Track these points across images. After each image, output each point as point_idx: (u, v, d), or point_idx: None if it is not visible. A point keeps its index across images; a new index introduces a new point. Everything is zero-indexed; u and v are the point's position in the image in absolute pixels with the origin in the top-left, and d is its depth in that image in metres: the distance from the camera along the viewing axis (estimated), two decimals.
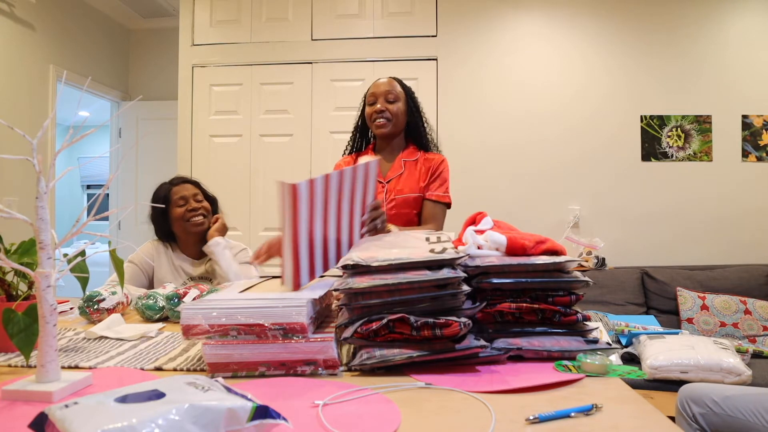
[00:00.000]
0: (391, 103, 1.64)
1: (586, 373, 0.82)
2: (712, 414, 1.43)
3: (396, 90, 1.65)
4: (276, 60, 3.41)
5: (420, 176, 1.67)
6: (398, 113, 1.65)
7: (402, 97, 1.66)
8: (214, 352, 0.81)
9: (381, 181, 1.66)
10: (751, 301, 2.73)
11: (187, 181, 1.84)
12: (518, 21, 3.32)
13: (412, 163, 1.69)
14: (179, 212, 1.75)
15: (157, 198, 1.79)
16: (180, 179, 1.85)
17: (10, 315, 0.81)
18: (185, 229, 1.76)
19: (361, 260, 0.87)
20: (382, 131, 1.66)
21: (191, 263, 1.80)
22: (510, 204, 3.26)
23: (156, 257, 1.80)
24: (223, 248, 1.72)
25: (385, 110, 1.63)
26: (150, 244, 1.84)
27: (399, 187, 1.65)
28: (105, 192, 0.77)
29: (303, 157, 3.37)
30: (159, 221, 1.80)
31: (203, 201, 1.81)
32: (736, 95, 3.22)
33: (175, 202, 1.76)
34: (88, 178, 6.96)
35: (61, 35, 3.63)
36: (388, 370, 0.83)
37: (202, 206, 1.78)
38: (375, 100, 1.65)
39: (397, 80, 1.69)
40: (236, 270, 1.69)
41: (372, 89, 1.67)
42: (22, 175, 3.24)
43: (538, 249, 0.92)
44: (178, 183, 1.82)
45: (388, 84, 1.66)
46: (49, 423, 0.49)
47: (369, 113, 1.66)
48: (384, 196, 1.64)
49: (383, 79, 1.68)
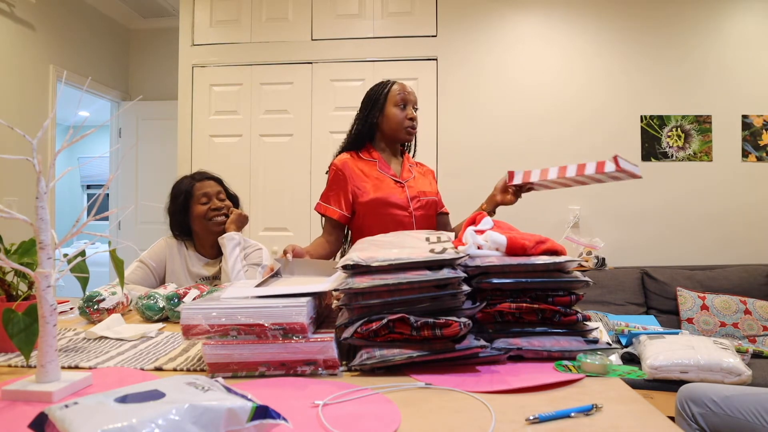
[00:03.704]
0: (415, 111, 1.66)
1: (586, 373, 0.82)
2: (712, 414, 1.43)
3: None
4: (276, 60, 3.41)
5: (427, 181, 1.73)
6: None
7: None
8: (214, 352, 0.81)
9: (399, 180, 1.65)
10: (751, 301, 2.73)
11: (211, 177, 1.78)
12: (518, 21, 3.32)
13: (417, 168, 1.74)
14: (201, 210, 1.70)
15: (178, 192, 1.73)
16: (203, 175, 1.78)
17: (10, 315, 0.81)
18: (206, 227, 1.71)
19: (361, 260, 0.87)
20: (409, 138, 1.67)
21: (205, 263, 1.75)
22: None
23: (169, 255, 1.74)
24: (235, 245, 1.66)
25: (414, 118, 1.65)
26: (163, 241, 1.77)
27: (420, 188, 1.67)
28: (105, 192, 0.77)
29: (303, 157, 3.37)
30: (178, 216, 1.73)
31: (226, 200, 1.76)
32: (736, 95, 3.22)
33: (197, 198, 1.71)
34: (88, 178, 6.96)
35: (61, 35, 3.63)
36: (388, 370, 0.83)
37: (224, 205, 1.73)
38: (406, 104, 1.63)
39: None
40: (239, 270, 1.65)
41: (401, 93, 1.63)
42: (22, 175, 3.24)
43: (538, 249, 0.92)
44: (201, 179, 1.75)
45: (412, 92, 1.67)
46: (49, 423, 0.49)
47: (400, 118, 1.62)
48: (407, 196, 1.63)
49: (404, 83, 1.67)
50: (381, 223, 1.58)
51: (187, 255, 1.76)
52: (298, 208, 3.34)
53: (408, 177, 1.67)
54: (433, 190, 1.71)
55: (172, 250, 1.76)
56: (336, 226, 1.64)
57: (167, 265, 1.75)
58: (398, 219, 1.60)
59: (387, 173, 1.64)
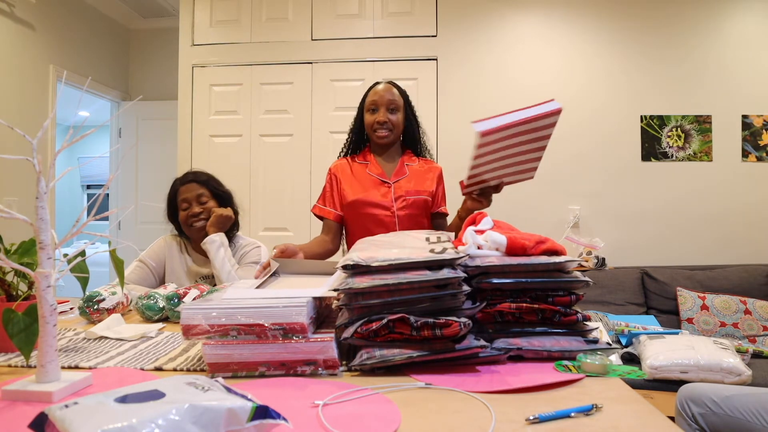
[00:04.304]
0: (392, 113, 1.62)
1: (586, 373, 0.82)
2: (712, 414, 1.43)
3: (396, 99, 1.63)
4: (276, 60, 3.41)
5: (426, 180, 1.68)
6: (399, 123, 1.64)
7: (401, 106, 1.65)
8: (214, 352, 0.81)
9: (386, 181, 1.65)
10: (751, 301, 2.73)
11: (195, 179, 1.75)
12: (518, 21, 3.32)
13: (414, 168, 1.70)
14: (182, 216, 1.70)
15: (168, 196, 1.75)
16: (189, 177, 1.76)
17: (10, 315, 0.81)
18: (189, 232, 1.72)
19: (361, 260, 0.87)
20: (383, 142, 1.65)
21: (202, 261, 1.75)
22: (510, 204, 3.26)
23: (168, 254, 1.75)
24: (218, 247, 1.63)
25: (387, 121, 1.62)
26: (163, 240, 1.78)
27: (408, 188, 1.65)
28: (105, 192, 0.77)
29: (303, 157, 3.37)
30: (171, 219, 1.75)
31: (208, 201, 1.72)
32: (736, 95, 3.22)
33: (179, 204, 1.71)
34: (88, 178, 6.96)
35: (61, 35, 3.63)
36: (388, 370, 0.83)
37: (204, 209, 1.69)
38: (376, 108, 1.62)
39: (395, 85, 1.67)
40: (229, 270, 1.62)
41: (372, 96, 1.63)
42: (22, 175, 3.24)
43: (538, 249, 0.92)
44: (185, 182, 1.74)
45: (389, 92, 1.62)
46: (49, 423, 0.49)
47: (370, 122, 1.64)
48: (391, 196, 1.63)
49: (382, 85, 1.65)
50: (361, 223, 1.63)
51: (187, 253, 1.77)
52: (298, 208, 3.34)
53: (399, 177, 1.66)
54: (428, 189, 1.66)
55: (171, 249, 1.77)
56: (333, 226, 1.69)
57: (167, 264, 1.75)
58: (379, 219, 1.61)
59: (374, 174, 1.66)
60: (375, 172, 1.66)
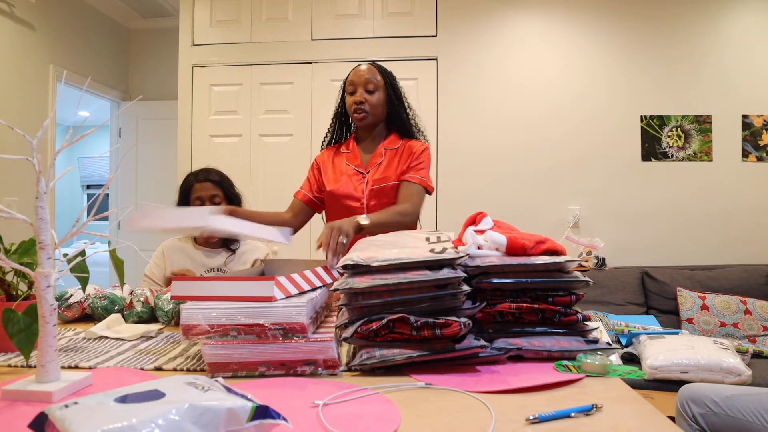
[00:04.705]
0: (370, 94, 1.60)
1: (586, 373, 0.82)
2: (712, 414, 1.43)
3: (376, 79, 1.60)
4: (276, 60, 3.41)
5: (400, 163, 1.64)
6: (378, 104, 1.61)
7: (381, 86, 1.62)
8: (214, 352, 0.81)
9: (361, 171, 1.65)
10: (751, 301, 2.73)
11: (209, 178, 1.77)
12: (518, 21, 3.32)
13: (393, 152, 1.65)
14: None
15: (182, 190, 1.77)
16: (204, 175, 1.78)
17: (10, 315, 0.81)
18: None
19: (361, 260, 0.87)
20: (361, 123, 1.64)
21: (207, 254, 1.80)
22: (510, 204, 3.26)
23: (168, 261, 1.78)
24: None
25: (364, 101, 1.59)
26: (160, 250, 1.82)
27: (377, 176, 1.62)
28: (105, 192, 0.77)
29: (303, 157, 3.37)
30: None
31: (221, 203, 1.74)
32: (736, 95, 3.21)
33: (192, 201, 1.75)
34: (88, 178, 6.96)
35: (61, 35, 3.63)
36: (388, 370, 0.83)
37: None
38: (354, 90, 1.61)
39: (377, 67, 1.64)
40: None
41: (351, 77, 1.62)
42: (22, 175, 3.24)
43: (538, 249, 0.92)
44: (200, 180, 1.77)
45: (368, 72, 1.61)
46: (49, 423, 0.49)
47: (349, 103, 1.62)
48: (364, 187, 1.63)
49: (363, 66, 1.63)
50: (335, 214, 1.65)
51: (192, 247, 1.80)
52: None
53: (371, 166, 1.64)
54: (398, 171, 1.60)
55: (170, 253, 1.80)
56: (296, 204, 1.73)
57: (169, 269, 1.78)
58: (352, 209, 1.61)
59: (352, 165, 1.66)
60: (353, 163, 1.67)
